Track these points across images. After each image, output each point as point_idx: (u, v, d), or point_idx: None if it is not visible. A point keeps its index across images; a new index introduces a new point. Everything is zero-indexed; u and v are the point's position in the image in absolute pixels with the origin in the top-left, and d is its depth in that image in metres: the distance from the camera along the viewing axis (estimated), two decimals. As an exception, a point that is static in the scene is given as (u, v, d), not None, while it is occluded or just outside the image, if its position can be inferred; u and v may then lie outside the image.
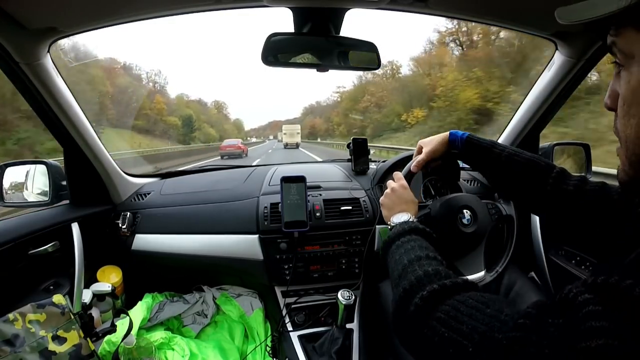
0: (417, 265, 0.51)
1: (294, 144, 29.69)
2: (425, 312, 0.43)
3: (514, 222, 0.95)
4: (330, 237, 1.10)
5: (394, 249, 0.61)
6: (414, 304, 0.45)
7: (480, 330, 0.37)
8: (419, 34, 56.51)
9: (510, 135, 1.25)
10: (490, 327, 0.36)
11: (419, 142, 0.87)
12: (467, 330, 0.38)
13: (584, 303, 0.30)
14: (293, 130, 31.80)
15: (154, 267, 1.26)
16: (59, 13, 0.72)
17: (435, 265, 0.51)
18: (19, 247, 0.84)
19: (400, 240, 0.61)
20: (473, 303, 0.40)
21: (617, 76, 0.38)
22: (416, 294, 0.45)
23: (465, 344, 0.37)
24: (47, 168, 1.02)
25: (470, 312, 0.39)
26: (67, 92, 0.91)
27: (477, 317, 0.38)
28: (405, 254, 0.56)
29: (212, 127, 49.78)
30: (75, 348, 0.73)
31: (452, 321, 0.40)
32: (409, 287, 0.48)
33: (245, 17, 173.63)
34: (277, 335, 1.11)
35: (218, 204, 1.18)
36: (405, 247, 0.59)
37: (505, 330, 0.35)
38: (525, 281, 1.02)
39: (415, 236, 0.62)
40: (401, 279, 0.51)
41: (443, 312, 0.41)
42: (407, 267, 0.52)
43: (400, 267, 0.54)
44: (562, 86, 1.04)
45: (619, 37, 0.36)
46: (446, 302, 0.42)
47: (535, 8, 0.82)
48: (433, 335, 0.41)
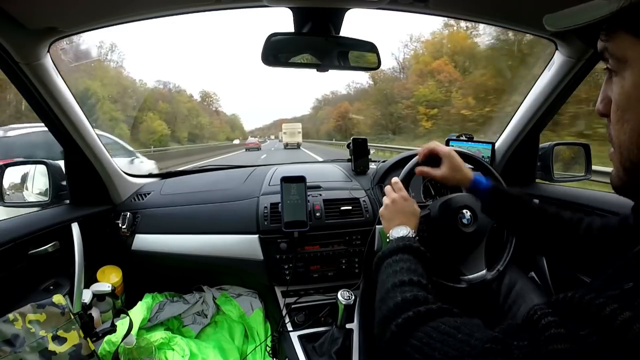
0: (397, 291, 0.53)
1: (295, 143, 27.86)
2: (399, 339, 0.45)
3: None
4: (330, 237, 1.10)
5: (383, 269, 0.61)
6: (390, 330, 0.46)
7: (451, 355, 0.38)
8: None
9: (510, 135, 1.25)
10: (461, 352, 0.38)
11: (447, 152, 0.79)
12: (439, 357, 0.39)
13: (546, 326, 0.30)
14: (294, 129, 29.68)
15: (154, 267, 1.26)
16: (59, 13, 0.72)
17: (416, 291, 0.51)
18: (19, 247, 0.84)
19: (391, 259, 0.61)
20: (445, 329, 0.41)
21: (609, 81, 0.37)
22: (392, 321, 0.47)
23: None
24: (47, 168, 1.02)
25: (442, 338, 0.41)
26: (67, 92, 0.91)
27: (448, 342, 0.40)
28: (390, 277, 0.57)
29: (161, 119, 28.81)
30: (75, 348, 0.73)
31: (425, 347, 0.41)
32: (387, 314, 0.49)
33: (245, 17, 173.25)
34: (277, 335, 1.10)
35: (218, 204, 1.18)
36: (393, 268, 0.59)
37: (474, 355, 0.36)
38: (525, 281, 1.02)
39: (408, 256, 0.61)
40: (382, 303, 0.53)
41: (416, 339, 0.43)
42: (389, 291, 0.54)
43: (383, 291, 0.55)
44: (562, 86, 1.04)
45: (610, 42, 0.35)
46: (420, 329, 0.44)
47: (535, 8, 0.82)
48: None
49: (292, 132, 29.22)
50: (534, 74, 1.13)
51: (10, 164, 1.01)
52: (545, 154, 1.22)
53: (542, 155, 1.23)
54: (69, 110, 0.92)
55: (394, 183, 0.81)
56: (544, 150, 1.22)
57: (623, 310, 0.26)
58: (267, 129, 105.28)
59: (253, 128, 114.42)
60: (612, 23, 0.34)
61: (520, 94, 1.20)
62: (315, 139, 47.71)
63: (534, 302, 0.93)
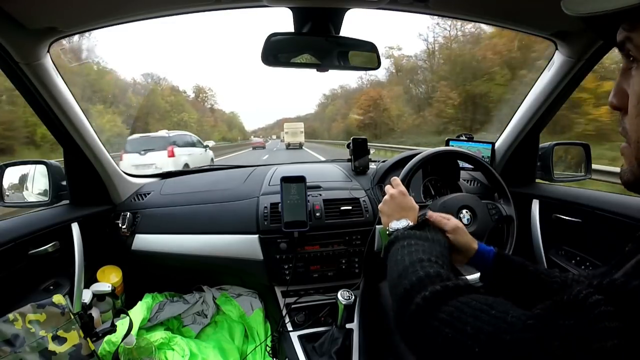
0: (418, 266, 0.51)
1: (297, 143, 26.82)
2: (427, 312, 0.43)
3: (514, 223, 0.95)
4: (330, 237, 1.10)
5: (395, 250, 0.60)
6: (415, 303, 0.44)
7: (486, 331, 0.36)
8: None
9: (510, 135, 1.25)
10: (497, 329, 0.36)
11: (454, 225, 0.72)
12: (471, 332, 0.37)
13: (595, 304, 0.30)
14: (296, 129, 28.37)
15: (154, 267, 1.26)
16: (59, 13, 0.72)
17: (437, 268, 0.50)
18: (19, 247, 0.84)
19: (405, 242, 0.60)
20: (477, 305, 0.40)
21: (625, 74, 0.36)
22: (417, 294, 0.45)
23: (470, 344, 0.37)
24: (47, 168, 1.02)
25: (474, 313, 0.39)
26: (67, 92, 0.91)
27: (482, 318, 0.38)
28: (407, 255, 0.56)
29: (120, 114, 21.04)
30: (75, 348, 0.73)
31: (455, 322, 0.39)
32: (410, 287, 0.47)
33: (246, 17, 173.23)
34: (277, 335, 1.11)
35: (218, 204, 1.18)
36: (408, 249, 0.58)
37: (514, 332, 0.34)
38: None
39: (420, 241, 0.61)
40: (401, 278, 0.51)
41: (446, 313, 0.41)
42: (408, 267, 0.52)
43: (401, 267, 0.53)
44: (562, 86, 1.04)
45: (635, 32, 0.33)
46: (449, 302, 0.42)
47: (535, 8, 0.82)
48: (436, 336, 0.40)
49: (294, 131, 28.15)
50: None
51: (10, 164, 1.01)
52: (545, 154, 1.22)
53: (542, 155, 1.23)
54: (69, 110, 0.92)
55: (393, 180, 0.82)
56: (544, 150, 1.22)
57: None
58: (270, 129, 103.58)
59: (256, 128, 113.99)
60: (639, 12, 0.32)
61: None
62: (326, 140, 38.60)
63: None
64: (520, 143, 1.23)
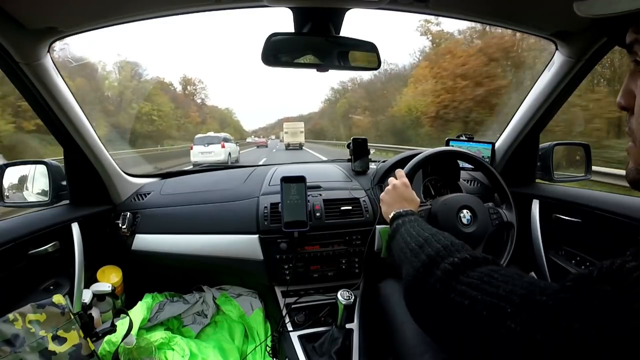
0: (441, 236, 0.50)
1: (297, 144, 25.83)
2: (454, 276, 0.42)
3: (514, 229, 0.95)
4: (330, 237, 1.10)
5: (408, 227, 0.58)
6: (442, 269, 0.44)
7: (519, 292, 0.36)
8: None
9: (510, 135, 1.25)
10: (531, 291, 0.35)
11: None
12: (504, 293, 0.37)
13: (633, 269, 0.29)
14: (296, 129, 27.17)
15: (154, 267, 1.26)
16: (59, 13, 0.72)
17: (454, 239, 0.50)
18: (19, 247, 0.84)
19: (417, 222, 0.59)
20: (507, 272, 0.40)
21: (634, 75, 0.36)
22: (444, 259, 0.44)
23: (502, 305, 0.36)
24: (47, 168, 1.02)
25: (505, 278, 0.39)
26: (67, 92, 0.91)
27: (514, 282, 0.38)
28: (424, 229, 0.55)
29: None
30: (75, 348, 0.73)
31: (485, 285, 0.39)
32: (435, 254, 0.46)
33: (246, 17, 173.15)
34: (277, 335, 1.11)
35: (218, 204, 1.18)
36: (423, 226, 0.57)
37: (550, 293, 0.34)
38: None
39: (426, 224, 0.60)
40: (423, 247, 0.50)
41: (475, 278, 0.40)
42: (431, 238, 0.51)
43: (421, 238, 0.52)
44: (562, 86, 1.04)
45: None
46: (477, 269, 0.42)
47: (535, 8, 0.82)
48: (463, 299, 0.40)
49: (294, 131, 26.94)
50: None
51: (10, 164, 1.01)
52: (545, 154, 1.22)
53: (542, 155, 1.23)
54: (69, 110, 0.92)
55: (397, 171, 0.82)
56: (544, 150, 1.22)
57: None
58: (271, 129, 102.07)
59: (257, 128, 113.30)
60: None
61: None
62: (342, 141, 25.93)
63: None
64: (521, 143, 1.23)
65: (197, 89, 48.64)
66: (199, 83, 49.38)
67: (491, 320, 0.37)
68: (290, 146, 25.60)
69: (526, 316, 0.34)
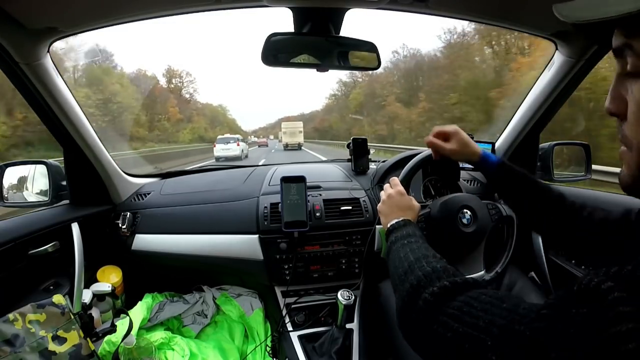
0: (424, 262, 0.51)
1: (296, 144, 25.26)
2: (435, 307, 0.42)
3: (514, 223, 0.95)
4: (330, 237, 1.10)
5: (397, 249, 0.60)
6: (423, 299, 0.44)
7: (498, 323, 0.36)
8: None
9: (510, 135, 1.25)
10: (510, 320, 0.35)
11: (454, 130, 0.82)
12: (483, 325, 0.37)
13: (608, 290, 0.29)
14: (294, 128, 26.46)
15: (154, 267, 1.26)
16: (59, 13, 0.72)
17: (443, 263, 0.50)
18: (19, 247, 0.84)
19: (406, 241, 0.61)
20: (487, 299, 0.39)
21: (622, 79, 0.35)
22: (425, 289, 0.45)
23: (482, 337, 0.36)
24: (47, 168, 1.02)
25: (484, 307, 0.38)
26: (67, 92, 0.91)
27: (493, 311, 0.37)
28: (410, 252, 0.56)
29: None
30: (75, 348, 0.73)
31: (465, 316, 0.39)
32: (417, 283, 0.47)
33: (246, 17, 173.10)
34: (277, 335, 1.11)
35: (218, 204, 1.18)
36: (411, 246, 0.58)
37: (527, 322, 0.34)
38: (525, 281, 1.02)
39: (421, 240, 0.61)
40: (407, 274, 0.50)
41: (455, 308, 0.40)
42: (414, 263, 0.51)
43: (407, 263, 0.53)
44: (562, 86, 1.04)
45: (635, 39, 0.32)
46: (457, 298, 0.42)
47: (535, 8, 0.82)
48: (445, 332, 0.40)
49: (292, 131, 26.25)
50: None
51: (10, 164, 1.01)
52: (545, 154, 1.22)
53: (542, 155, 1.23)
54: (69, 111, 0.92)
55: (392, 179, 0.82)
56: (544, 150, 1.22)
57: None
58: (271, 128, 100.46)
59: (257, 128, 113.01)
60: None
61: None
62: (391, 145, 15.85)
63: (534, 302, 0.93)
64: (521, 143, 1.23)
65: (183, 82, 41.91)
66: (187, 76, 42.65)
67: (473, 353, 0.37)
68: (289, 146, 25.17)
69: (506, 348, 0.34)
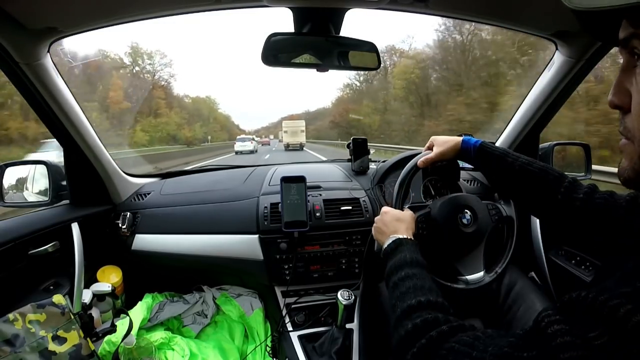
0: (407, 318, 0.52)
1: (297, 144, 23.84)
2: (425, 357, 0.46)
3: (514, 223, 0.95)
4: (330, 237, 1.10)
5: (391, 285, 0.61)
6: (417, 347, 0.47)
7: None
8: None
9: (510, 135, 1.25)
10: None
11: (432, 138, 0.89)
12: None
13: (555, 334, 0.31)
14: (296, 127, 25.13)
15: (154, 267, 1.26)
16: (59, 13, 0.72)
17: (425, 315, 0.51)
18: (19, 247, 0.84)
19: (397, 277, 0.61)
20: (459, 348, 0.42)
21: (627, 72, 0.35)
22: (417, 340, 0.47)
23: None
24: (47, 168, 1.02)
25: (457, 358, 0.42)
26: (67, 92, 0.91)
27: (471, 354, 0.41)
28: (398, 301, 0.57)
29: None
30: (75, 348, 0.73)
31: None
32: (401, 343, 0.50)
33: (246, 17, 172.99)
34: (277, 335, 1.11)
35: (218, 204, 1.18)
36: (400, 289, 0.58)
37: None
38: (525, 281, 1.02)
39: (408, 269, 0.61)
40: (395, 330, 0.53)
41: (441, 357, 0.44)
42: (400, 318, 0.54)
43: (395, 317, 0.55)
44: (562, 86, 1.04)
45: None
46: (444, 346, 0.45)
47: (535, 8, 0.82)
48: None
49: (293, 130, 24.86)
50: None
51: (10, 164, 1.01)
52: (545, 154, 1.22)
53: (542, 155, 1.23)
54: (69, 111, 0.92)
55: (383, 210, 0.83)
56: (544, 150, 1.22)
57: (637, 312, 0.27)
58: (274, 128, 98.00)
59: (259, 127, 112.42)
60: None
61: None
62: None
63: (534, 302, 0.93)
64: (521, 143, 1.23)
65: (154, 66, 29.18)
66: (162, 57, 30.14)
67: None
68: (290, 146, 24.10)
69: None
